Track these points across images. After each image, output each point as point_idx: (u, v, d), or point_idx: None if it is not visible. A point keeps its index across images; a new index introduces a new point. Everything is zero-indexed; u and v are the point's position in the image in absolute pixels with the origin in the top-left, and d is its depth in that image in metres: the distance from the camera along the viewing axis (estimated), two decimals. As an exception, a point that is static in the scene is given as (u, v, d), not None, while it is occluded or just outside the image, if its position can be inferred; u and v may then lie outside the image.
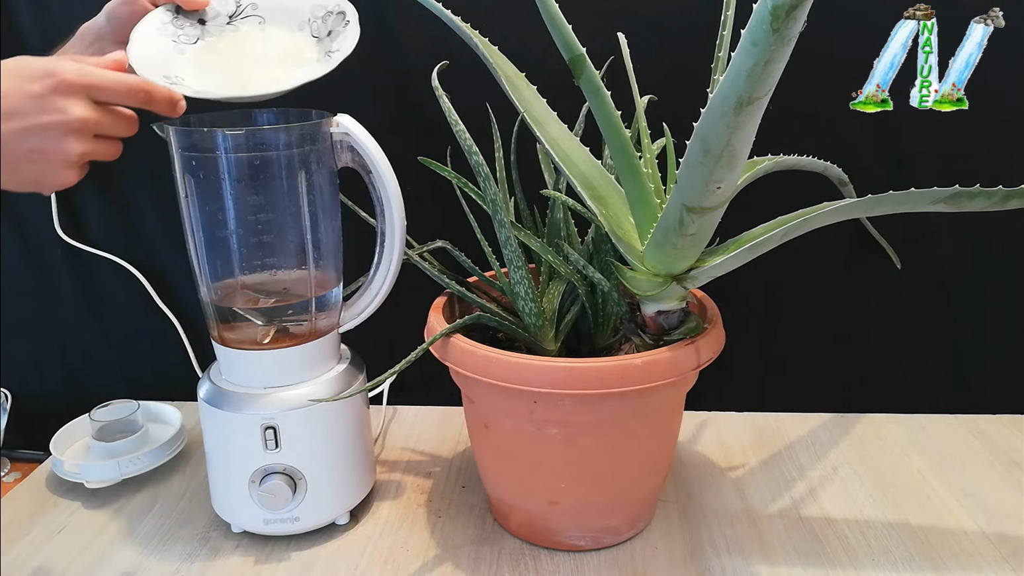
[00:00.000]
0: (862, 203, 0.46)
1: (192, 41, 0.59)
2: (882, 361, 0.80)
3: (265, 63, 0.59)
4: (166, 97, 0.51)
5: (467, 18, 0.54)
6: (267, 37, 0.61)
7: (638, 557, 0.59)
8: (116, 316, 0.85)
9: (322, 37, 0.60)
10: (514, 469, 0.60)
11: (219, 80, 0.57)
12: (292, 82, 0.56)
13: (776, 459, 0.73)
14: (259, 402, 0.58)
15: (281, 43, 0.60)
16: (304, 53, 0.60)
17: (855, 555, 0.59)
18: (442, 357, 0.57)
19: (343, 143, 0.59)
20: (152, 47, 0.58)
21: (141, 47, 0.57)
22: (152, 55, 0.57)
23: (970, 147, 0.72)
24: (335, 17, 0.60)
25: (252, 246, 0.59)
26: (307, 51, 0.60)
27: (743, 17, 0.36)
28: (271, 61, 0.60)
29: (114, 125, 0.50)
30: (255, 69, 0.59)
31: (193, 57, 0.59)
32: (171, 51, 0.59)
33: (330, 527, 0.63)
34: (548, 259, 0.59)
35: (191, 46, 0.59)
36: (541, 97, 0.57)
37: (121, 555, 0.61)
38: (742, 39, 0.36)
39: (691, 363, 0.54)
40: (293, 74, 0.57)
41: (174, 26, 0.59)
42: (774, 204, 0.52)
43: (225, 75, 0.58)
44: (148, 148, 0.77)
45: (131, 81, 0.49)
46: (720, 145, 0.41)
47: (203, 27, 0.60)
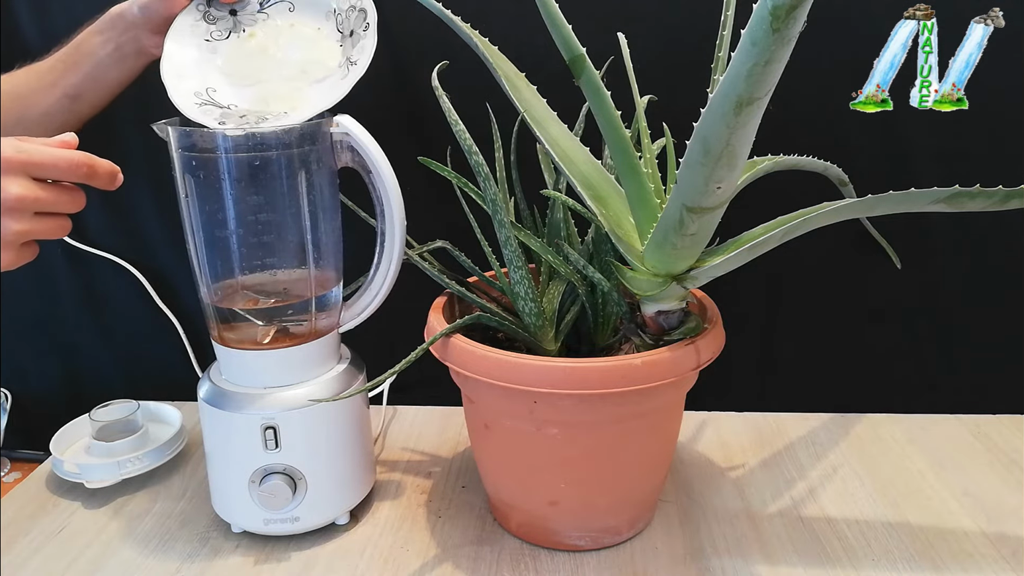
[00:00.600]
0: (862, 203, 0.46)
1: (225, 36, 0.61)
2: (882, 361, 0.80)
3: (289, 73, 0.62)
4: (108, 172, 0.49)
5: (467, 18, 0.54)
6: (295, 32, 0.62)
7: (638, 557, 0.59)
8: (116, 316, 0.85)
9: (345, 34, 0.61)
10: (514, 469, 0.60)
11: (247, 93, 0.60)
12: (310, 110, 0.59)
13: (776, 459, 0.73)
14: (259, 402, 0.58)
15: (307, 41, 0.62)
16: (327, 61, 0.61)
17: (855, 555, 0.59)
18: (442, 357, 0.57)
19: (343, 143, 0.59)
20: (187, 52, 0.61)
21: (176, 53, 0.60)
22: (187, 62, 0.60)
23: (970, 147, 0.72)
24: (357, 15, 0.61)
25: (252, 246, 0.59)
26: (330, 58, 0.61)
27: (743, 17, 0.36)
28: (295, 69, 0.62)
29: (57, 202, 0.48)
30: (280, 82, 0.61)
31: (224, 63, 0.61)
32: (205, 53, 0.61)
33: (330, 527, 0.63)
34: (548, 259, 0.59)
35: (224, 42, 0.61)
36: (541, 97, 0.57)
37: (121, 555, 0.61)
38: (742, 39, 0.36)
39: (691, 363, 0.54)
40: (311, 99, 0.60)
41: (207, 21, 0.61)
42: (774, 204, 0.52)
43: (252, 86, 0.61)
44: (148, 148, 0.78)
45: (73, 157, 0.48)
46: (720, 145, 0.41)
47: (235, 18, 0.62)
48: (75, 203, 0.49)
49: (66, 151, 0.48)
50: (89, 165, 0.48)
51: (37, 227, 0.48)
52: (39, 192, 0.47)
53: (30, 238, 0.48)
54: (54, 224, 0.49)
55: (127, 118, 0.78)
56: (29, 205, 0.47)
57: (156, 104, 0.59)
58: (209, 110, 0.59)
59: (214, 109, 0.59)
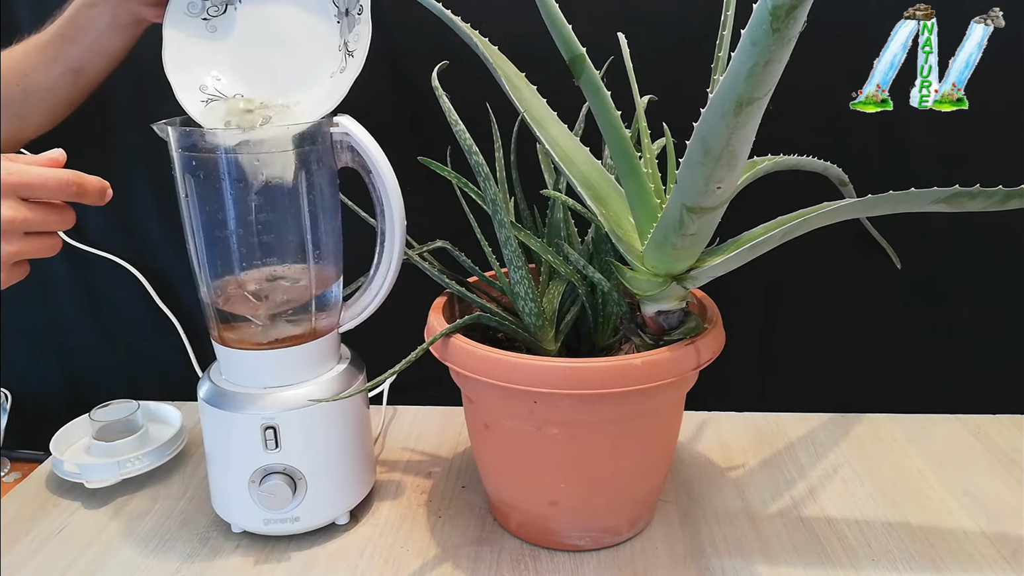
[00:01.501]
0: (862, 203, 0.46)
1: (221, 11, 0.60)
2: (882, 361, 0.80)
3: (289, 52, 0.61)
4: (97, 189, 0.49)
5: (467, 18, 0.54)
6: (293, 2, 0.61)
7: (638, 557, 0.59)
8: (116, 316, 0.85)
9: (341, 10, 0.60)
10: (514, 469, 0.60)
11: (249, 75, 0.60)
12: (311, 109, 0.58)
13: (776, 459, 0.73)
14: (259, 402, 0.58)
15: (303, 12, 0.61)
16: (326, 37, 0.60)
17: (855, 555, 0.59)
18: (442, 357, 0.57)
19: (343, 143, 0.59)
20: (186, 36, 0.60)
21: (175, 38, 0.59)
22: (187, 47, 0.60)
23: (970, 147, 0.72)
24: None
25: (252, 246, 0.59)
26: (327, 33, 0.60)
27: (743, 17, 0.36)
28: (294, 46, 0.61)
29: (46, 222, 0.48)
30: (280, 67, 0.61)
31: (225, 42, 0.61)
32: (203, 33, 0.60)
33: (330, 527, 0.63)
34: (548, 259, 0.59)
35: (221, 18, 0.60)
36: (541, 97, 0.57)
37: (121, 555, 0.61)
38: (742, 39, 0.36)
39: (691, 363, 0.54)
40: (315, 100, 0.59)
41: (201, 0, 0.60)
42: (774, 204, 0.52)
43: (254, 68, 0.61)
44: (148, 148, 0.78)
45: (61, 177, 0.47)
46: (720, 145, 0.41)
47: None
48: (64, 221, 0.49)
49: (54, 170, 0.47)
50: (78, 184, 0.47)
51: (27, 247, 0.47)
52: (28, 213, 0.46)
53: (20, 258, 0.48)
54: (44, 243, 0.49)
55: (127, 118, 0.78)
56: (19, 226, 0.46)
57: (156, 104, 0.59)
58: (215, 107, 0.58)
59: (220, 105, 0.58)
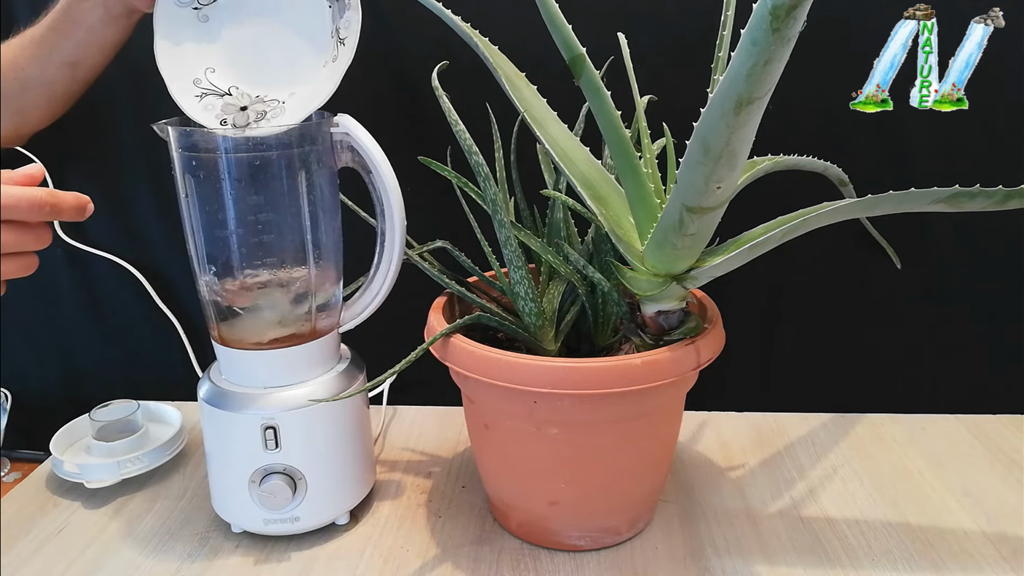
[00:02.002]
0: (862, 203, 0.46)
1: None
2: (882, 361, 0.80)
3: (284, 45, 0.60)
4: (73, 206, 0.48)
5: (467, 18, 0.54)
6: None
7: (638, 557, 0.59)
8: (116, 316, 0.85)
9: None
10: (514, 469, 0.60)
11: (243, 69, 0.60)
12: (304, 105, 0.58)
13: (776, 459, 0.73)
14: (259, 402, 0.58)
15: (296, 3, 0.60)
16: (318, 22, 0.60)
17: (855, 555, 0.59)
18: (442, 357, 0.57)
19: (343, 143, 0.59)
20: (176, 29, 0.59)
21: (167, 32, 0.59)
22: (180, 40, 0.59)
23: (970, 147, 0.72)
24: None
25: (252, 246, 0.59)
26: (319, 18, 0.60)
27: (743, 17, 0.36)
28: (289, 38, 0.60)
29: (19, 242, 0.47)
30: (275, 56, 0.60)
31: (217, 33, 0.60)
32: (194, 23, 0.60)
33: (330, 527, 0.63)
34: (548, 259, 0.59)
35: (212, 7, 0.60)
36: (541, 97, 0.57)
37: (121, 555, 0.61)
38: (742, 39, 0.36)
39: (691, 363, 0.54)
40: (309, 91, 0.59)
41: None
42: (774, 204, 0.52)
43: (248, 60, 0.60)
44: (148, 148, 0.78)
45: (34, 197, 0.46)
46: (720, 145, 0.41)
47: None
48: (40, 241, 0.48)
49: (27, 190, 0.46)
50: (52, 204, 0.46)
51: (3, 267, 0.47)
52: (2, 234, 0.45)
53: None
54: (20, 264, 0.48)
55: (127, 118, 0.78)
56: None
57: (156, 104, 0.59)
58: (211, 103, 0.58)
59: (216, 101, 0.58)
